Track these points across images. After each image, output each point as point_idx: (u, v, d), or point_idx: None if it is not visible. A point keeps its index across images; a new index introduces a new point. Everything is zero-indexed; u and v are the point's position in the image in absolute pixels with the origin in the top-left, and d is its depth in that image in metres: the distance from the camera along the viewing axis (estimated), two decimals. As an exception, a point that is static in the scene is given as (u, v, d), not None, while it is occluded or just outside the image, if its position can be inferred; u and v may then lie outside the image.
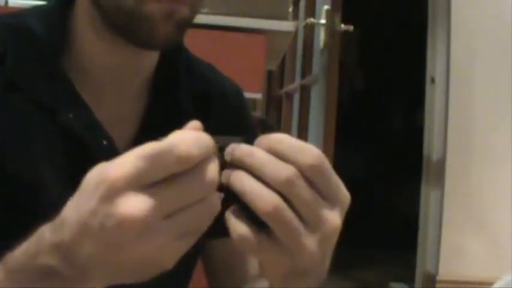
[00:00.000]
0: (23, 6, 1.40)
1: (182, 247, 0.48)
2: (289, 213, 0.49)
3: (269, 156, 0.50)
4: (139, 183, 0.46)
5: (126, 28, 0.69)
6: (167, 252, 0.48)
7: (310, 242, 0.50)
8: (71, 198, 0.49)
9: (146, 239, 0.46)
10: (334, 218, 0.52)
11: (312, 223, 0.50)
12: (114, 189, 0.46)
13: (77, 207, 0.48)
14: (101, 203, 0.46)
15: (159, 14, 0.67)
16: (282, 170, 0.49)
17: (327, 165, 0.51)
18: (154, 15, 0.67)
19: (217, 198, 0.48)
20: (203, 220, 0.48)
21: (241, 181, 0.49)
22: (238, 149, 0.50)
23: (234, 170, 0.50)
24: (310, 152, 0.50)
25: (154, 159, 0.46)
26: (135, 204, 0.45)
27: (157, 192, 0.46)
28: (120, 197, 0.46)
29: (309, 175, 0.50)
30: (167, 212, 0.46)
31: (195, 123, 0.50)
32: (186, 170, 0.46)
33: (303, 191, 0.50)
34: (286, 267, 0.52)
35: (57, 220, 0.50)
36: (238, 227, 0.49)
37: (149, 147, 0.46)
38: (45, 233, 0.51)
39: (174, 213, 0.47)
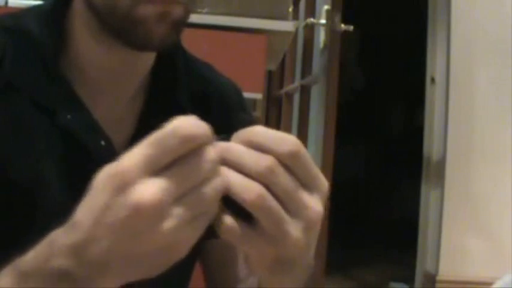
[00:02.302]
0: (23, 6, 1.39)
1: (194, 232, 0.49)
2: (272, 202, 0.50)
3: (246, 149, 0.51)
4: (150, 169, 0.47)
5: (121, 30, 0.69)
6: (181, 238, 0.49)
7: (294, 229, 0.51)
8: (81, 201, 0.50)
9: (160, 224, 0.47)
10: (315, 204, 0.52)
11: (294, 210, 0.51)
12: (127, 179, 0.47)
13: (89, 207, 0.49)
14: (114, 196, 0.47)
15: (153, 16, 0.67)
16: (261, 160, 0.50)
17: (304, 152, 0.51)
18: (148, 17, 0.67)
19: (220, 178, 0.49)
20: (210, 201, 0.49)
21: (226, 176, 0.50)
22: (217, 147, 0.51)
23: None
24: (286, 140, 0.51)
25: (160, 143, 0.47)
26: (147, 190, 0.47)
27: (166, 175, 0.47)
28: (132, 186, 0.47)
29: (287, 163, 0.51)
30: (177, 194, 0.48)
31: (191, 116, 0.51)
32: (190, 152, 0.48)
33: (283, 178, 0.50)
34: (272, 257, 0.53)
35: (70, 223, 0.50)
36: (223, 218, 0.50)
37: (154, 134, 0.48)
38: (58, 236, 0.51)
39: (182, 196, 0.48)
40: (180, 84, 0.81)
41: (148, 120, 0.78)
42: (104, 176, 0.49)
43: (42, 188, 0.70)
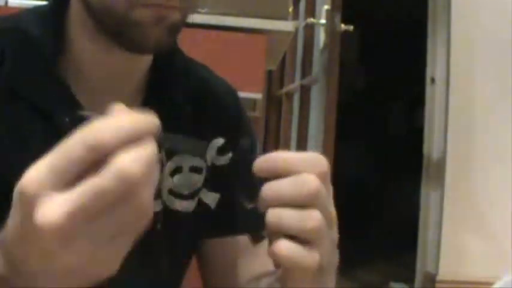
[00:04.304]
0: (23, 6, 1.39)
1: (115, 252, 0.45)
2: (324, 224, 0.53)
3: (286, 179, 0.52)
4: (56, 181, 0.43)
5: (117, 33, 0.69)
6: (101, 257, 0.44)
7: (328, 238, 0.54)
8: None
9: (68, 245, 0.43)
10: (331, 205, 0.56)
11: (329, 222, 0.54)
12: (29, 194, 0.43)
13: (10, 222, 0.47)
14: (21, 211, 0.44)
15: (149, 19, 0.67)
16: (309, 183, 0.51)
17: (328, 167, 0.54)
18: (144, 20, 0.67)
19: (147, 197, 0.43)
20: (132, 221, 0.44)
21: (279, 215, 0.51)
22: (263, 191, 0.52)
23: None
24: (317, 160, 0.53)
25: (64, 151, 0.43)
26: (50, 210, 0.42)
27: (75, 192, 0.42)
28: (36, 202, 0.43)
29: (322, 181, 0.53)
30: (87, 213, 0.42)
31: (119, 106, 0.46)
32: (107, 163, 0.42)
33: (326, 197, 0.53)
34: (315, 268, 0.54)
35: (4, 230, 0.49)
36: (280, 245, 0.52)
37: (61, 143, 0.43)
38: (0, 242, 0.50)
39: (97, 215, 0.42)
40: (177, 84, 0.81)
41: None
42: (15, 192, 0.45)
43: None
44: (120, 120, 0.44)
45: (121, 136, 0.43)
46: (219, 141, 0.81)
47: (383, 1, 4.89)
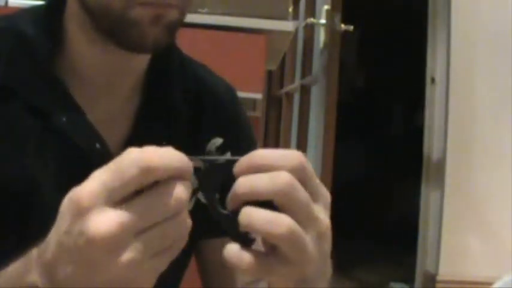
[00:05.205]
0: (23, 6, 1.39)
1: (157, 266, 0.48)
2: (299, 229, 0.49)
3: (257, 175, 0.50)
4: (108, 198, 0.46)
5: (115, 32, 0.69)
6: (141, 271, 0.47)
7: (310, 245, 0.51)
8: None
9: (118, 256, 0.46)
10: (324, 215, 0.52)
11: (307, 223, 0.50)
12: (83, 206, 0.46)
13: (55, 230, 0.49)
14: (73, 222, 0.47)
15: (146, 18, 0.67)
16: (277, 179, 0.49)
17: (309, 165, 0.51)
18: (142, 19, 0.67)
19: (186, 216, 0.48)
20: (175, 238, 0.48)
21: (249, 216, 0.49)
22: (235, 186, 0.50)
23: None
24: (292, 155, 0.51)
25: (118, 171, 0.46)
26: (103, 221, 0.45)
27: (127, 208, 0.46)
28: (89, 214, 0.46)
29: (297, 177, 0.50)
30: (137, 228, 0.46)
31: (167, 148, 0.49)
32: (157, 186, 0.47)
33: (302, 192, 0.50)
34: (295, 278, 0.52)
35: (44, 241, 0.50)
36: (244, 261, 0.50)
37: (115, 160, 0.47)
38: (34, 253, 0.51)
39: (144, 230, 0.46)
40: (175, 84, 0.81)
41: (144, 121, 0.78)
42: (66, 200, 0.48)
43: (35, 191, 0.70)
44: (172, 153, 0.48)
45: (169, 165, 0.47)
46: (218, 140, 0.81)
47: (383, 1, 4.89)
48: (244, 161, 0.51)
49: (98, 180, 0.46)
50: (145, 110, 0.79)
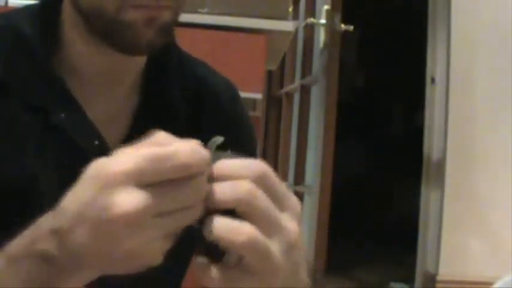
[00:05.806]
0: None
1: (166, 245, 0.51)
2: (261, 237, 0.49)
3: (218, 183, 0.50)
4: (138, 181, 0.48)
5: (108, 34, 0.69)
6: (154, 248, 0.50)
7: (277, 254, 0.50)
8: (70, 189, 0.51)
9: (137, 233, 0.48)
10: (291, 224, 0.51)
11: (273, 232, 0.50)
12: (114, 182, 0.48)
13: (76, 197, 0.50)
14: (99, 194, 0.48)
15: (140, 21, 0.67)
16: (238, 187, 0.49)
17: (272, 173, 0.51)
18: (135, 22, 0.67)
19: (201, 207, 0.50)
20: (184, 225, 0.50)
21: (211, 224, 0.49)
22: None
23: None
24: (253, 164, 0.51)
25: (155, 162, 0.48)
26: (131, 200, 0.47)
27: (152, 193, 0.48)
28: (118, 190, 0.48)
29: (260, 186, 0.50)
30: (158, 212, 0.48)
31: (193, 142, 0.51)
32: (182, 178, 0.48)
33: (264, 200, 0.50)
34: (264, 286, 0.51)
35: (57, 208, 0.51)
36: (208, 275, 0.50)
37: (153, 150, 0.48)
38: (43, 220, 0.52)
39: (164, 214, 0.49)
40: (174, 83, 0.80)
41: (143, 119, 0.78)
42: (94, 171, 0.49)
43: (35, 190, 0.70)
44: (201, 149, 0.50)
45: (200, 165, 0.49)
46: (218, 139, 0.81)
47: (383, 1, 4.89)
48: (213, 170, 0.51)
49: (133, 161, 0.48)
50: (143, 108, 0.78)
